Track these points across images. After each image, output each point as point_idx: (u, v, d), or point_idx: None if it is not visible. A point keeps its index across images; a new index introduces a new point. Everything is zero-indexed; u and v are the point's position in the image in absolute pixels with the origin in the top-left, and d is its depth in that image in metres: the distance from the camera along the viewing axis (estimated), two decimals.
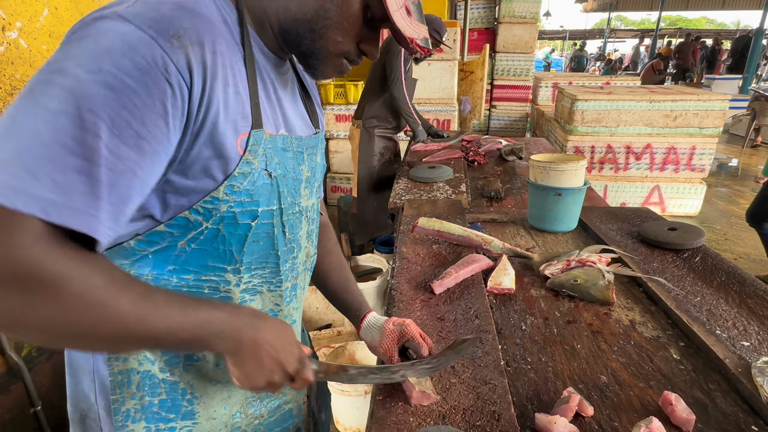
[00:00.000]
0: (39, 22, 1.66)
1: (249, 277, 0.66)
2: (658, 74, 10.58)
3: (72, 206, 0.44)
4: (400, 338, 0.83)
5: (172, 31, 0.49)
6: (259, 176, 0.61)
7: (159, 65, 0.48)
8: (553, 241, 1.47)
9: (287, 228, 0.68)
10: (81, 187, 0.44)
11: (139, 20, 0.48)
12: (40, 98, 0.45)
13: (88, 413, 0.69)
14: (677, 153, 4.06)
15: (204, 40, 0.52)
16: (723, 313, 1.01)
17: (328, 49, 0.63)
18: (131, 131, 0.47)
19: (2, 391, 1.59)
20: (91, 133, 0.45)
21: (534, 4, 6.13)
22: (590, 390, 0.80)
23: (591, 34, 26.35)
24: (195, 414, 0.68)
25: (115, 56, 0.46)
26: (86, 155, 0.45)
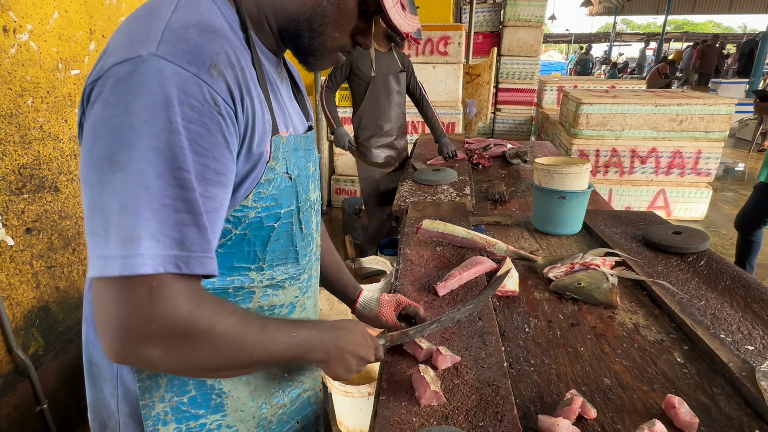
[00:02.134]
0: (49, 25, 1.68)
1: (271, 274, 0.69)
2: (663, 78, 10.55)
3: (196, 257, 0.50)
4: (397, 306, 0.95)
5: (209, 62, 0.51)
6: (282, 180, 0.64)
7: (209, 102, 0.50)
8: (557, 244, 1.47)
9: (303, 224, 0.71)
10: (195, 238, 0.50)
11: (178, 58, 0.49)
12: (129, 165, 0.47)
13: (108, 422, 0.70)
14: (683, 157, 4.04)
15: (232, 60, 0.54)
16: (727, 317, 1.01)
17: (326, 45, 0.64)
18: (211, 172, 0.52)
19: (9, 389, 1.60)
20: (187, 188, 0.49)
21: (539, 8, 6.14)
22: (593, 392, 0.80)
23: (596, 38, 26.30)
24: (224, 406, 0.70)
25: (176, 105, 0.48)
26: (189, 209, 0.50)
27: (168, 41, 0.50)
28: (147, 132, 0.47)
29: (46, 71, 1.68)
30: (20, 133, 1.60)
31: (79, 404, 1.90)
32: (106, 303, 0.48)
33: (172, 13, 0.53)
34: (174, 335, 0.50)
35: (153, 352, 0.50)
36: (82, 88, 0.56)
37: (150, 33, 0.51)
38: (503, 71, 6.48)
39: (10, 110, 1.55)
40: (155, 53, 0.49)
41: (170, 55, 0.49)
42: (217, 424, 0.70)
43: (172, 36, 0.50)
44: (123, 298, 0.48)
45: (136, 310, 0.48)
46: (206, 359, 0.54)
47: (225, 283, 0.65)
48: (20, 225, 1.62)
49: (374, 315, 0.95)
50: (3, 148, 1.54)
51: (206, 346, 0.53)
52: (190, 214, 0.49)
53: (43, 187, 1.71)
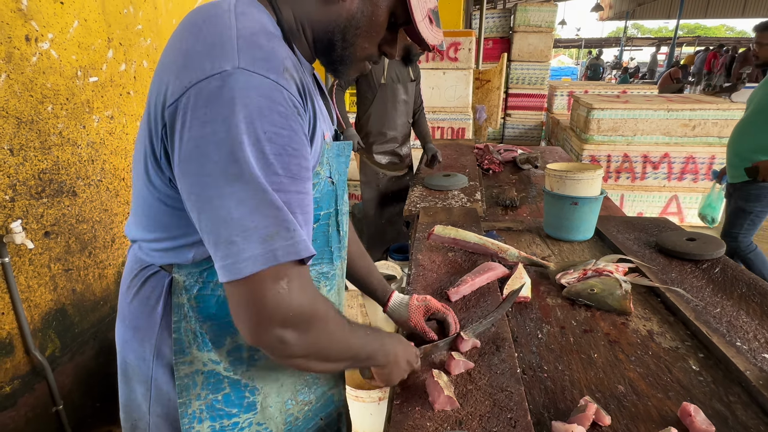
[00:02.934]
0: (69, 34, 1.72)
1: None
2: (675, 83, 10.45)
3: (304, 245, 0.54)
4: (426, 311, 0.97)
5: (282, 66, 0.55)
6: (325, 184, 0.67)
7: (290, 105, 0.54)
8: (570, 250, 1.46)
9: (341, 226, 0.74)
10: (300, 229, 0.54)
11: (259, 68, 0.53)
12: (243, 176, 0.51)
13: (138, 423, 0.72)
14: (696, 162, 4.00)
15: (294, 63, 0.58)
16: (744, 325, 1.00)
17: (356, 55, 0.67)
18: (303, 169, 0.56)
19: (26, 389, 1.63)
20: (284, 191, 0.53)
21: (549, 13, 6.14)
22: (607, 399, 0.80)
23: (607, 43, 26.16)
24: (256, 404, 0.72)
25: (267, 114, 0.52)
26: (292, 208, 0.54)
27: (245, 51, 0.53)
28: (248, 143, 0.51)
29: (65, 78, 1.72)
30: (40, 138, 1.64)
31: (94, 405, 1.93)
32: (249, 298, 0.53)
33: (236, 21, 0.55)
34: (307, 320, 0.56)
35: (289, 334, 0.55)
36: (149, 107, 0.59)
37: (225, 45, 0.53)
38: (513, 77, 6.48)
39: (31, 117, 1.59)
40: (239, 66, 0.52)
41: (251, 65, 0.52)
42: (249, 422, 0.72)
43: (246, 45, 0.54)
44: (267, 290, 0.52)
45: (277, 298, 0.53)
46: (325, 344, 0.60)
47: None
48: (39, 229, 1.66)
49: (404, 320, 0.97)
50: (24, 153, 1.58)
51: (324, 332, 0.59)
52: (291, 209, 0.54)
53: (62, 191, 1.75)
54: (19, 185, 1.57)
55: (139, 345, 0.69)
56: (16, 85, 1.53)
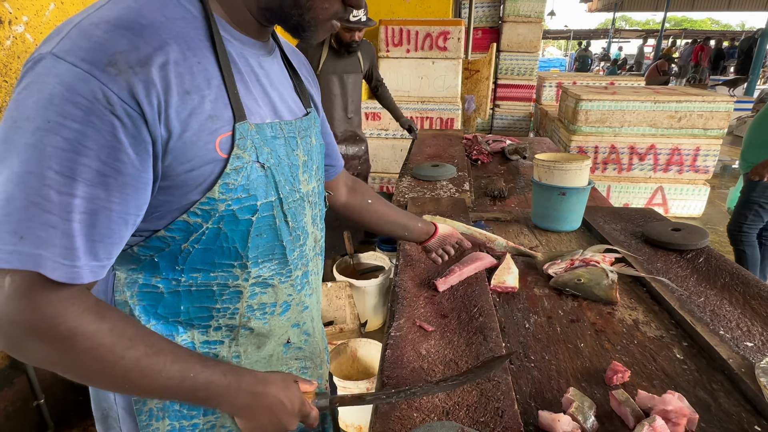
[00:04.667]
0: (45, 17, 1.66)
1: (257, 271, 0.65)
2: (662, 75, 10.55)
3: (54, 261, 0.48)
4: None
5: (107, 60, 0.48)
6: (252, 169, 0.60)
7: (100, 100, 0.48)
8: (557, 241, 1.47)
9: (290, 217, 0.67)
10: (58, 242, 0.48)
11: (71, 56, 0.48)
12: (7, 162, 0.47)
13: (108, 412, 0.70)
14: (681, 154, 4.05)
15: (148, 57, 0.50)
16: (727, 314, 1.01)
17: (318, 17, 0.61)
18: (92, 172, 0.49)
19: (5, 384, 1.60)
20: (56, 190, 0.47)
21: (539, 4, 6.12)
22: (593, 388, 0.80)
23: (595, 34, 26.26)
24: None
25: (58, 103, 0.47)
26: (57, 211, 0.47)
27: (69, 38, 0.49)
28: (26, 129, 0.47)
29: None
30: None
31: (77, 399, 1.90)
32: None
33: (96, 10, 0.51)
34: (23, 334, 0.49)
35: (6, 342, 0.50)
36: None
37: (60, 31, 0.50)
38: (502, 67, 6.46)
39: (5, 103, 1.54)
40: (51, 51, 0.48)
41: (64, 52, 0.48)
42: (211, 424, 0.69)
43: (76, 33, 0.49)
44: None
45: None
46: (67, 367, 0.52)
47: (208, 279, 0.62)
48: None
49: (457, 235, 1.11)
50: None
51: (65, 355, 0.51)
52: (58, 216, 0.47)
53: None
54: None
55: None
56: None
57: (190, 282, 0.62)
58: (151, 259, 0.60)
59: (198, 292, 0.63)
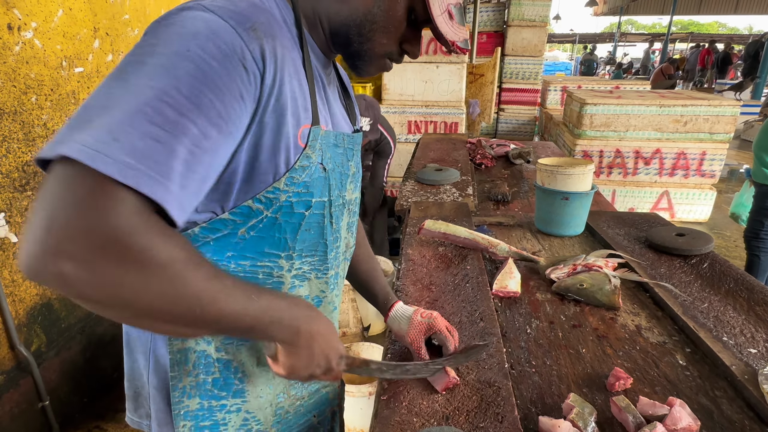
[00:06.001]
0: (53, 23, 1.69)
1: (300, 264, 0.69)
2: (668, 79, 10.50)
3: (146, 171, 0.43)
4: (428, 330, 0.86)
5: (250, 24, 0.54)
6: (316, 169, 0.65)
7: (237, 52, 0.52)
8: (560, 245, 1.46)
9: (334, 219, 0.72)
10: (156, 156, 0.44)
11: (221, 12, 0.53)
12: (131, 76, 0.47)
13: (141, 390, 0.73)
14: (687, 158, 4.02)
15: (275, 33, 0.57)
16: (730, 320, 1.00)
17: (374, 50, 0.67)
18: (214, 110, 0.49)
19: (11, 385, 1.61)
20: (175, 109, 0.46)
21: (543, 8, 6.12)
22: (594, 394, 0.80)
23: (601, 38, 26.20)
24: (245, 392, 0.72)
25: (201, 39, 0.50)
26: (167, 127, 0.45)
27: (219, 2, 0.54)
28: (161, 52, 0.49)
29: (50, 69, 1.69)
30: (24, 130, 1.61)
31: (82, 401, 1.91)
32: (46, 194, 0.42)
33: None
34: (99, 249, 0.42)
35: (72, 266, 0.41)
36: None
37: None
38: (507, 71, 6.47)
39: (14, 108, 1.56)
40: (204, 5, 0.53)
41: (216, 9, 0.53)
42: (237, 407, 0.72)
43: (225, 1, 0.54)
44: (62, 193, 0.42)
45: (69, 209, 0.41)
46: (136, 293, 0.45)
47: (256, 267, 0.66)
48: (24, 222, 1.63)
49: (402, 333, 0.88)
50: (7, 145, 1.55)
51: (138, 276, 0.44)
52: (166, 132, 0.45)
53: None
54: (2, 178, 1.54)
55: None
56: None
57: (238, 269, 0.65)
58: (208, 241, 0.62)
59: (244, 278, 0.65)
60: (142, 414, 0.74)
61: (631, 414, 0.71)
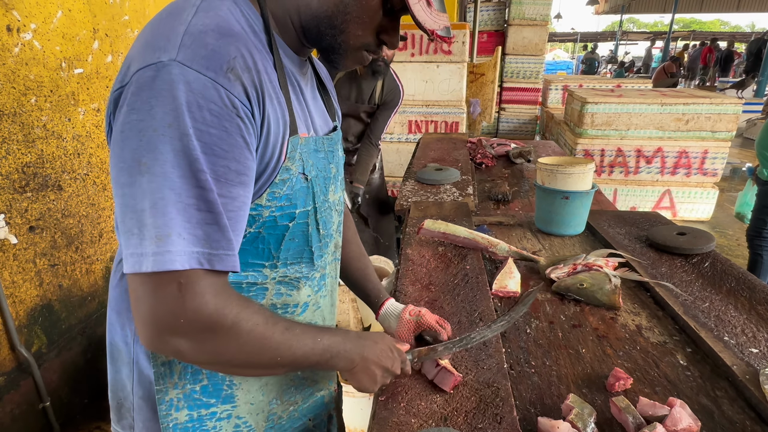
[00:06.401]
0: (53, 24, 1.69)
1: (284, 272, 0.70)
2: (670, 77, 10.47)
3: (217, 254, 0.53)
4: (417, 327, 0.89)
5: (225, 66, 0.53)
6: (297, 180, 0.65)
7: (227, 105, 0.53)
8: (560, 245, 1.46)
9: (321, 225, 0.71)
10: (217, 236, 0.53)
11: (196, 64, 0.51)
12: (155, 168, 0.50)
13: (124, 402, 0.72)
14: (689, 157, 4.01)
15: (248, 63, 0.55)
16: (732, 320, 0.99)
17: (349, 43, 0.64)
18: (233, 173, 0.54)
19: (12, 386, 1.61)
20: (207, 189, 0.52)
21: (544, 7, 6.10)
22: (594, 395, 0.80)
23: (602, 37, 26.14)
24: (234, 398, 0.71)
25: (194, 110, 0.51)
26: (210, 208, 0.52)
27: (187, 46, 0.52)
28: (170, 135, 0.50)
29: (49, 70, 1.69)
30: (24, 131, 1.61)
31: (82, 402, 1.91)
32: (141, 297, 0.52)
33: (192, 17, 0.54)
34: (202, 329, 0.54)
35: (183, 343, 0.54)
36: (108, 95, 0.59)
37: (170, 38, 0.53)
38: (508, 70, 6.45)
39: (13, 109, 1.56)
40: (175, 59, 0.51)
41: (189, 60, 0.51)
42: (228, 414, 0.71)
43: (191, 41, 0.52)
44: (156, 293, 0.51)
45: (167, 304, 0.51)
46: (233, 355, 0.57)
47: (239, 278, 0.66)
48: (23, 223, 1.63)
49: (392, 331, 0.91)
50: (7, 146, 1.55)
51: (232, 342, 0.56)
52: (211, 213, 0.52)
53: (47, 185, 1.72)
54: (2, 179, 1.54)
55: (122, 329, 0.69)
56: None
57: None
58: None
59: None
60: (125, 425, 0.73)
61: (631, 415, 0.70)
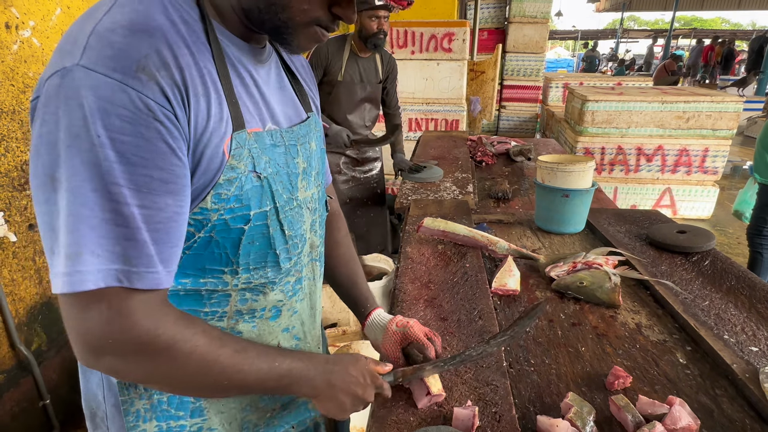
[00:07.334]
0: (51, 21, 1.68)
1: (248, 277, 0.65)
2: (671, 75, 10.44)
3: (137, 271, 0.50)
4: (403, 340, 0.83)
5: (135, 66, 0.48)
6: (247, 179, 0.59)
7: (141, 108, 0.48)
8: (560, 243, 1.45)
9: (286, 225, 0.66)
10: (134, 252, 0.49)
11: (101, 66, 0.47)
12: (67, 183, 0.47)
13: (96, 411, 0.70)
14: (689, 155, 4.00)
15: (166, 59, 0.50)
16: (731, 318, 0.99)
17: (295, 20, 0.58)
18: (156, 182, 0.50)
19: (12, 384, 1.62)
20: (122, 203, 0.48)
21: (545, 4, 6.08)
22: (593, 393, 0.79)
23: (603, 35, 26.08)
24: (203, 410, 0.68)
25: (103, 118, 0.47)
26: (126, 223, 0.49)
27: (92, 48, 0.48)
28: (79, 147, 0.46)
29: None
30: (23, 129, 1.60)
31: None
32: (68, 317, 0.50)
33: (104, 15, 0.50)
34: (133, 351, 0.51)
35: (116, 363, 0.52)
36: None
37: (78, 40, 0.48)
38: (508, 68, 6.43)
39: (12, 107, 1.56)
40: (79, 63, 0.47)
41: (93, 63, 0.47)
42: (198, 426, 0.68)
43: (97, 41, 0.48)
44: (82, 313, 0.49)
45: (93, 324, 0.49)
46: (171, 377, 0.55)
47: (198, 285, 0.62)
48: (23, 221, 1.63)
49: (378, 344, 0.85)
50: (6, 144, 1.55)
51: (169, 365, 0.53)
52: (128, 228, 0.49)
53: None
54: (1, 177, 1.54)
55: None
56: None
57: (178, 287, 0.61)
58: None
59: (186, 295, 0.62)
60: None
61: (631, 413, 0.70)
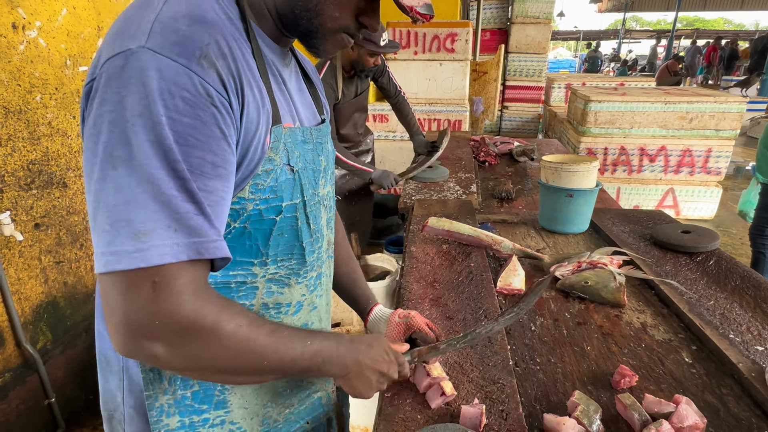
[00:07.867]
0: (58, 22, 1.69)
1: (275, 269, 0.67)
2: (673, 75, 10.42)
3: (210, 241, 0.51)
4: (407, 330, 0.87)
5: (198, 52, 0.50)
6: (282, 172, 0.62)
7: (201, 93, 0.50)
8: (564, 243, 1.46)
9: (311, 219, 0.69)
10: (205, 226, 0.51)
11: (167, 50, 0.49)
12: (130, 161, 0.48)
13: (114, 413, 0.70)
14: (692, 155, 3.99)
15: (224, 49, 0.53)
16: (737, 318, 0.99)
17: (326, 26, 0.62)
18: (209, 165, 0.51)
19: (18, 382, 1.62)
20: (186, 179, 0.50)
21: (547, 5, 6.08)
22: (600, 392, 0.80)
23: (605, 35, 26.05)
24: (227, 403, 0.69)
25: (167, 98, 0.48)
26: (192, 199, 0.50)
27: (157, 33, 0.50)
28: (142, 126, 0.47)
29: (54, 68, 1.69)
30: (29, 129, 1.61)
31: (87, 398, 1.92)
32: (112, 298, 0.49)
33: (163, 5, 0.52)
34: (179, 331, 0.51)
35: (158, 348, 0.50)
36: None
37: (140, 26, 0.50)
38: (510, 68, 6.43)
39: (19, 106, 1.57)
40: (145, 45, 0.49)
41: (159, 47, 0.49)
42: (221, 419, 0.69)
43: (162, 27, 0.50)
44: (128, 293, 0.48)
45: (140, 304, 0.48)
46: (214, 359, 0.54)
47: (227, 278, 0.64)
48: (29, 220, 1.64)
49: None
50: (12, 144, 1.55)
51: (213, 345, 0.53)
52: (194, 204, 0.50)
53: (52, 183, 1.73)
54: (8, 176, 1.55)
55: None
56: (3, 74, 1.50)
57: (210, 280, 0.62)
58: None
59: (216, 288, 0.63)
60: None
61: (637, 412, 0.70)
